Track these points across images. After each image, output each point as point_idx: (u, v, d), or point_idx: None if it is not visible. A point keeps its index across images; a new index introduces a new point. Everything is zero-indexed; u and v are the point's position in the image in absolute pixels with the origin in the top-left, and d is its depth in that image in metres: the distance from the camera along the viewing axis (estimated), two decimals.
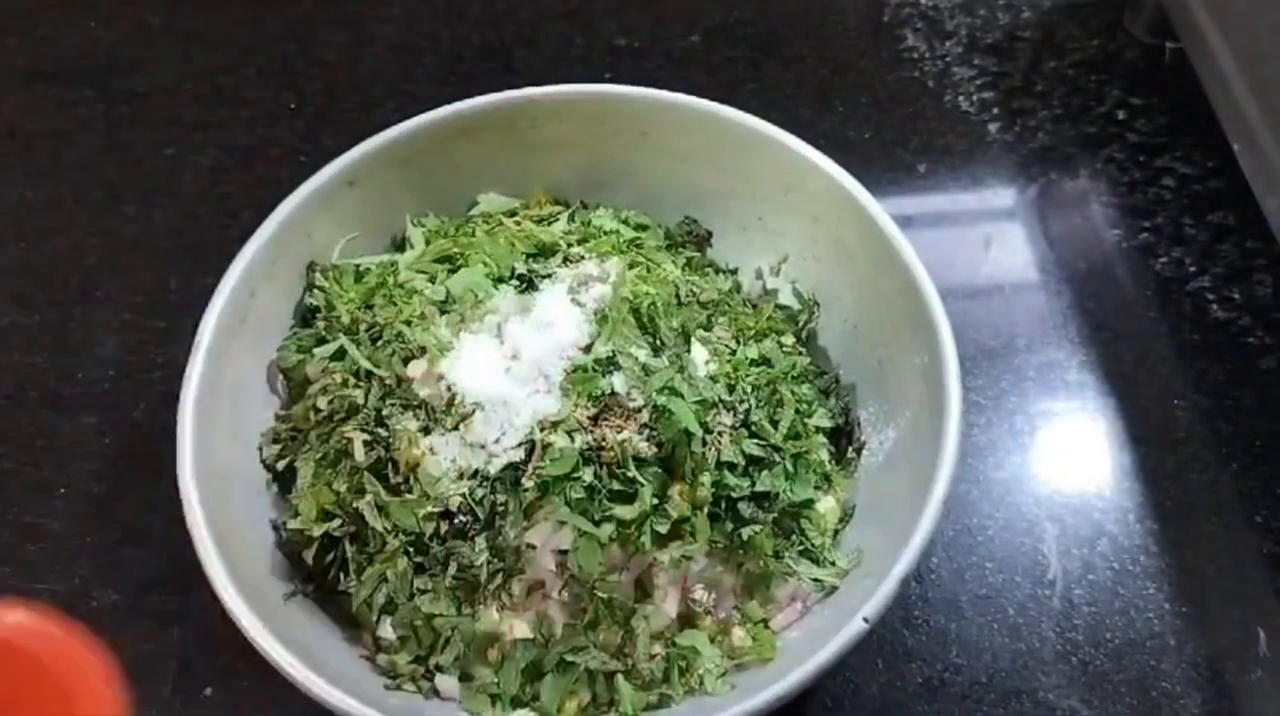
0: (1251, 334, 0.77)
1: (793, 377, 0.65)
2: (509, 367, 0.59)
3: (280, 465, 0.62)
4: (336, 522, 0.59)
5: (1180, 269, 0.80)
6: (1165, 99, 0.89)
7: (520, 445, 0.56)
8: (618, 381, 0.57)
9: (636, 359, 0.58)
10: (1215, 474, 0.71)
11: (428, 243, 0.68)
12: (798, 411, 0.63)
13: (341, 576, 0.59)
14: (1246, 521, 0.69)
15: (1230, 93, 0.79)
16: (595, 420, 0.57)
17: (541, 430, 0.56)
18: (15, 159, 0.89)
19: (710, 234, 0.73)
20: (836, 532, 0.62)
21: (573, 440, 0.56)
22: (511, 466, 0.56)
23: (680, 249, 0.71)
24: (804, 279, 0.70)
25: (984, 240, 0.83)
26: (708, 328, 0.64)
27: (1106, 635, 0.65)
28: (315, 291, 0.67)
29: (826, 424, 0.65)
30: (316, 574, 0.59)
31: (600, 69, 0.93)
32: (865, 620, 0.51)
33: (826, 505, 0.62)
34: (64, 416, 0.75)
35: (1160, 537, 0.69)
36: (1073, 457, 0.73)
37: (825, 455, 0.64)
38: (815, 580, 0.59)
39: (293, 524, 0.59)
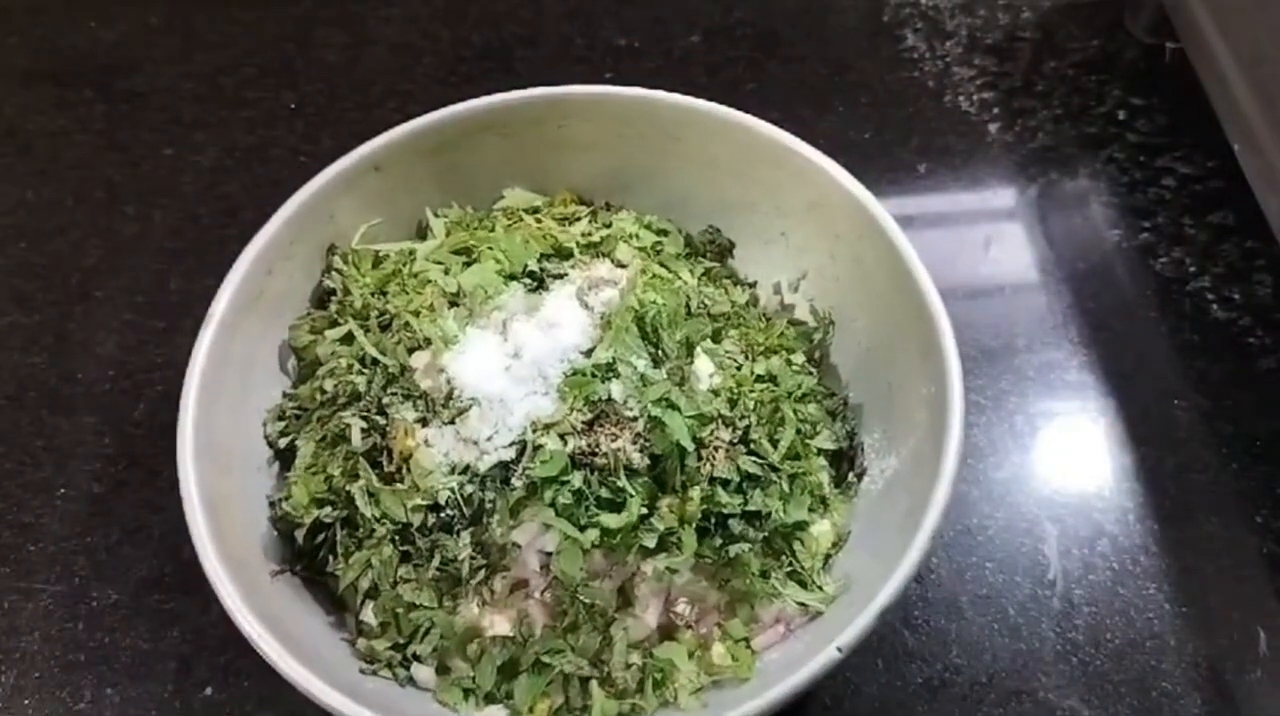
0: (1252, 334, 0.77)
1: (798, 397, 0.64)
2: (509, 366, 0.59)
3: (282, 442, 0.63)
4: (327, 509, 0.59)
5: (1180, 269, 0.80)
6: (1165, 99, 0.89)
7: (512, 444, 0.56)
8: (615, 389, 0.57)
9: (636, 368, 0.58)
10: (1215, 474, 0.71)
11: (448, 233, 0.68)
12: (799, 431, 0.62)
13: (330, 558, 0.59)
14: (1247, 521, 0.69)
15: (1230, 93, 0.79)
16: (590, 426, 0.56)
17: (534, 431, 0.56)
18: (15, 159, 0.89)
19: (733, 244, 0.72)
20: (829, 557, 0.61)
21: (564, 443, 0.55)
22: (501, 465, 0.56)
23: (700, 258, 0.71)
24: (822, 297, 0.69)
25: (984, 240, 0.83)
26: (717, 340, 0.64)
27: (1106, 635, 0.65)
28: (333, 274, 0.67)
29: (830, 446, 0.64)
30: (306, 553, 0.60)
31: (600, 69, 0.93)
32: (839, 650, 0.51)
33: (821, 528, 0.61)
34: (64, 416, 0.75)
35: (1160, 538, 0.69)
36: (1073, 458, 0.73)
37: (825, 478, 0.63)
38: (800, 603, 0.58)
39: (285, 505, 0.59)
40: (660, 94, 0.69)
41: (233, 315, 0.61)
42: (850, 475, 0.64)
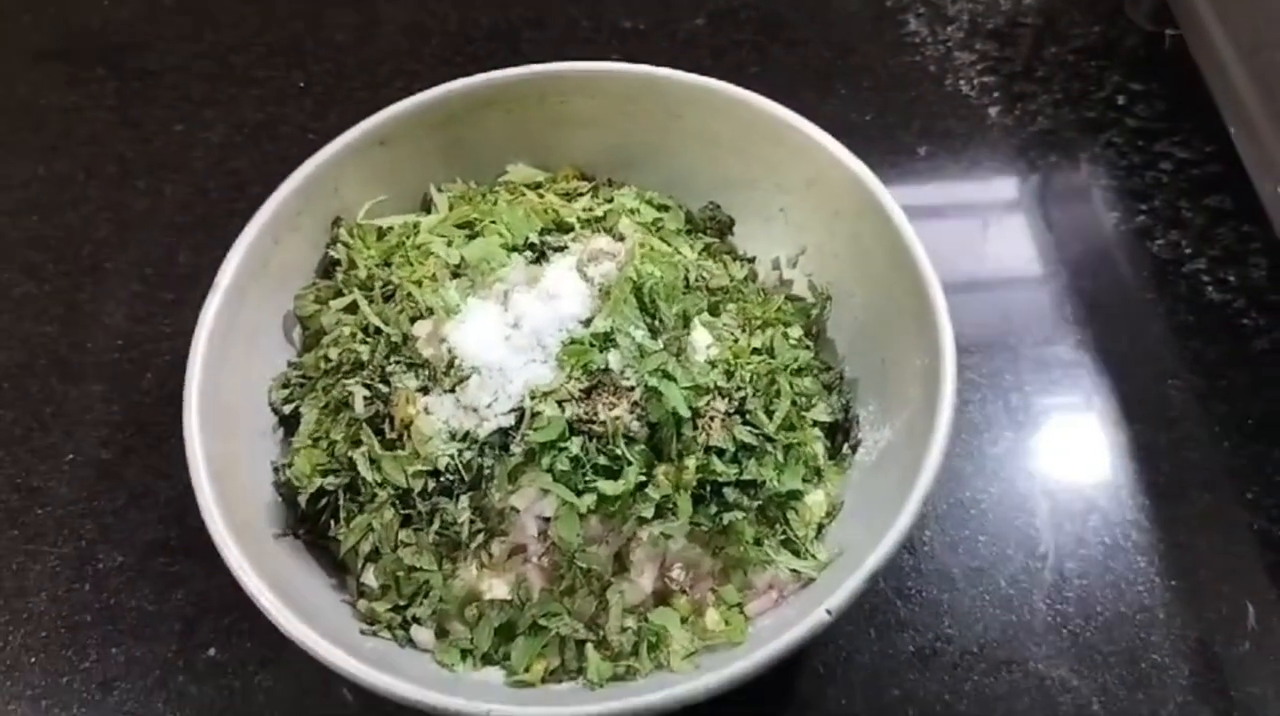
0: (1246, 316, 0.77)
1: (794, 371, 0.65)
2: (509, 336, 0.59)
3: (287, 409, 0.64)
4: (330, 478, 0.60)
5: (1177, 251, 0.81)
6: (1165, 85, 0.90)
7: (511, 411, 0.57)
8: (613, 358, 0.58)
9: (633, 338, 0.59)
10: (1207, 452, 0.72)
11: (451, 208, 0.69)
12: (795, 403, 0.63)
13: (332, 522, 0.60)
14: (1237, 498, 0.70)
15: (1228, 79, 0.80)
16: (588, 394, 0.57)
17: (532, 398, 0.57)
18: (29, 134, 0.91)
19: (733, 221, 0.73)
20: (822, 527, 0.62)
21: (562, 410, 0.56)
22: (501, 431, 0.57)
23: (700, 234, 0.71)
24: (820, 273, 0.70)
25: (983, 221, 0.84)
26: (715, 313, 0.65)
27: (1097, 607, 0.66)
28: (338, 246, 0.68)
29: (825, 418, 0.65)
30: (309, 518, 0.61)
31: (607, 51, 0.94)
32: (828, 612, 0.51)
33: (815, 498, 0.62)
34: (73, 384, 0.76)
35: (1152, 513, 0.70)
36: (1067, 434, 0.73)
37: (820, 449, 0.64)
38: (793, 570, 0.59)
39: (288, 472, 0.60)
40: (662, 70, 0.69)
41: (239, 283, 0.62)
42: (845, 447, 0.65)
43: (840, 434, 0.65)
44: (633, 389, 0.58)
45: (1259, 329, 0.77)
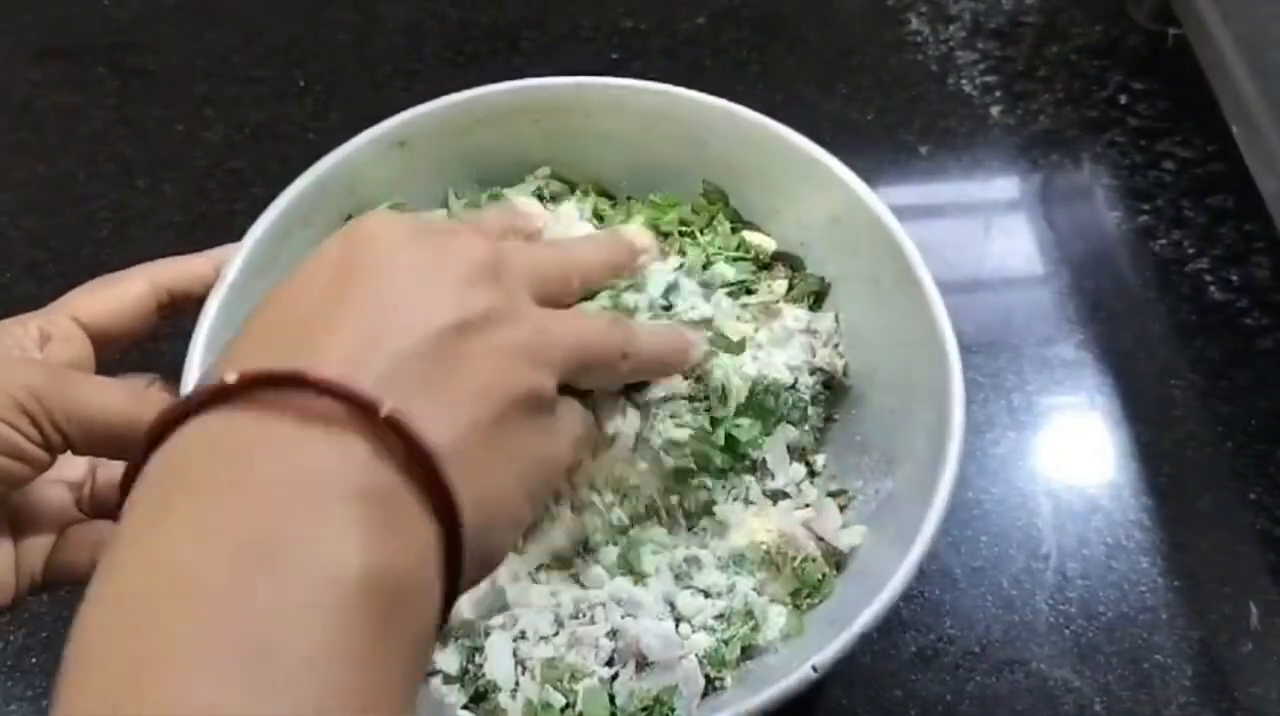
0: (1249, 315, 0.77)
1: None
2: None
3: None
4: None
5: (1179, 251, 0.81)
6: (1167, 84, 0.90)
7: None
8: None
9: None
10: (1210, 452, 0.72)
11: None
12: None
13: None
14: (1240, 498, 0.70)
15: (1230, 77, 0.79)
16: None
17: None
18: (29, 133, 0.91)
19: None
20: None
21: None
22: None
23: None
24: (836, 312, 0.67)
25: (985, 221, 0.84)
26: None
27: (1099, 608, 0.66)
28: None
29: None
30: None
31: (607, 51, 0.93)
32: (814, 668, 0.49)
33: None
34: None
35: (1154, 514, 0.69)
36: (1069, 435, 0.73)
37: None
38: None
39: None
40: (688, 92, 0.67)
41: (245, 279, 0.61)
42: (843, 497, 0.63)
43: None
44: None
45: (1262, 328, 0.77)
